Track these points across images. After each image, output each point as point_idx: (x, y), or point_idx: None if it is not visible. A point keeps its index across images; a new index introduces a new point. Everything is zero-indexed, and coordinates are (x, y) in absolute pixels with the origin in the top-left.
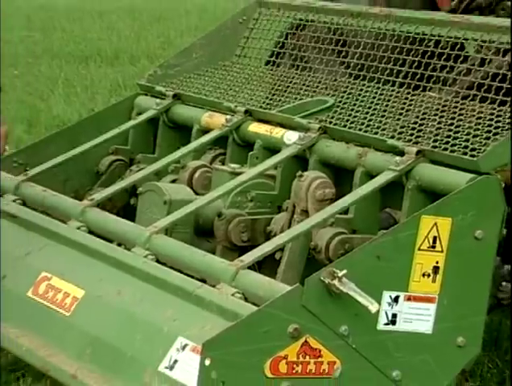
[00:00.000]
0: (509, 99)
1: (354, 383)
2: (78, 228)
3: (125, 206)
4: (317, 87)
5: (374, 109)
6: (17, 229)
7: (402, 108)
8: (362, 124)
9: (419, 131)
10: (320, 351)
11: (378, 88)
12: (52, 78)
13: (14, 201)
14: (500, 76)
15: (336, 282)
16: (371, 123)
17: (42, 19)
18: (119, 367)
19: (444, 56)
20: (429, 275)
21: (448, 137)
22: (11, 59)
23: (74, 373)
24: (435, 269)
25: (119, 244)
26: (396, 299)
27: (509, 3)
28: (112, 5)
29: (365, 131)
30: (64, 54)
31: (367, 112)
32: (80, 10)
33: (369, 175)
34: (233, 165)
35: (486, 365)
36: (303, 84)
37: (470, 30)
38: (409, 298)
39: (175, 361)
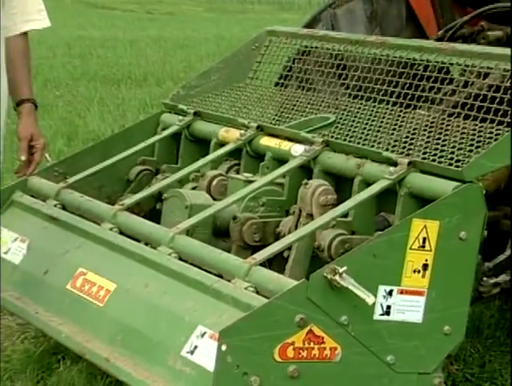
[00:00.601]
0: (489, 116)
1: (353, 366)
2: (110, 229)
3: (152, 210)
4: (320, 105)
5: (371, 125)
6: (57, 230)
7: (395, 125)
8: (360, 138)
9: (410, 144)
10: (323, 338)
11: (374, 106)
12: (89, 98)
13: (55, 205)
14: (481, 97)
15: (337, 278)
16: (368, 137)
17: (80, 47)
18: (146, 352)
19: (432, 79)
20: (419, 271)
21: (436, 149)
22: (54, 81)
23: (107, 357)
24: (425, 266)
25: (146, 244)
26: (390, 292)
27: (488, 33)
28: (141, 34)
29: (363, 144)
30: (99, 77)
31: (364, 128)
32: (113, 39)
33: (366, 183)
34: (246, 174)
35: (469, 350)
36: (308, 103)
37: (455, 56)
38: (401, 292)
39: (196, 347)
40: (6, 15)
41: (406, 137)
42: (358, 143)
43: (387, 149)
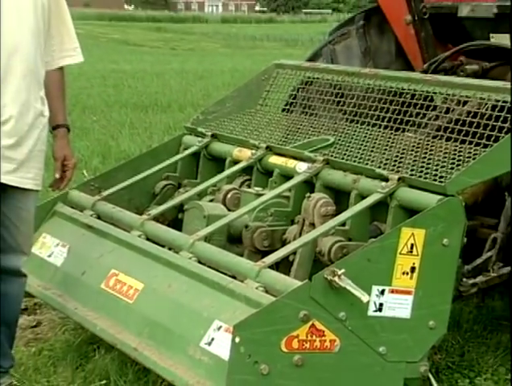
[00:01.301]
0: (468, 139)
1: (350, 356)
2: (139, 236)
3: (175, 219)
4: (321, 128)
5: (365, 146)
6: (93, 237)
7: (387, 145)
8: (356, 157)
9: (400, 162)
10: (323, 331)
11: (368, 129)
12: (121, 122)
13: (91, 215)
14: (461, 121)
15: (336, 279)
16: (363, 156)
17: (114, 79)
18: (169, 343)
19: (418, 106)
20: (408, 273)
21: (422, 167)
22: (91, 108)
23: (135, 347)
24: (412, 269)
25: (169, 249)
26: (382, 292)
27: (466, 67)
28: (165, 67)
29: (358, 162)
30: (130, 104)
31: (360, 148)
32: (141, 71)
33: (361, 196)
34: (256, 188)
35: (450, 342)
36: (311, 127)
37: (438, 86)
38: (392, 291)
39: (213, 339)
40: (46, 52)
41: (396, 156)
42: (354, 161)
43: (379, 167)
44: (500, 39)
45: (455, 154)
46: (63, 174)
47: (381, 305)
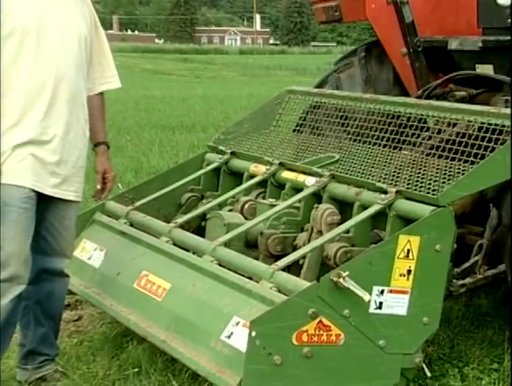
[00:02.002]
0: (457, 156)
1: (353, 348)
2: (166, 242)
3: (198, 227)
4: (328, 147)
5: (367, 162)
6: (127, 242)
7: (386, 162)
8: (359, 172)
9: (397, 177)
10: (330, 327)
11: (369, 148)
12: (151, 141)
13: (125, 223)
14: (451, 141)
15: (341, 280)
16: (364, 172)
17: (145, 103)
18: (194, 336)
19: (413, 127)
20: (404, 275)
21: (417, 181)
22: (125, 129)
23: (164, 339)
24: (409, 271)
25: (194, 253)
26: (382, 292)
27: (455, 93)
28: (190, 93)
29: (361, 177)
30: (159, 125)
31: (362, 164)
32: (169, 96)
33: (363, 207)
34: (270, 199)
35: (441, 335)
36: (318, 145)
37: (430, 110)
38: (391, 291)
39: (232, 333)
40: (89, 79)
41: (394, 171)
42: (357, 176)
43: (379, 181)
44: (484, 69)
45: (446, 170)
46: (103, 186)
47: (380, 303)
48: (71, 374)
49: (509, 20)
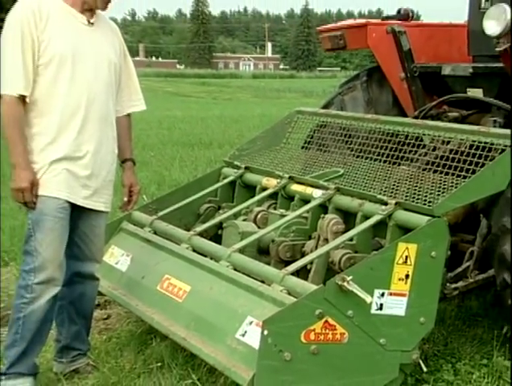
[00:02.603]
0: (450, 171)
1: (356, 346)
2: (187, 248)
3: (215, 235)
4: (333, 162)
5: (368, 176)
6: (151, 248)
7: (386, 176)
8: (361, 185)
9: (396, 190)
10: (335, 326)
11: (371, 163)
12: (172, 157)
13: (149, 231)
14: (445, 157)
15: (345, 284)
16: (366, 185)
17: (168, 122)
18: (211, 334)
19: (411, 144)
20: (403, 279)
21: (414, 193)
22: (150, 146)
23: (184, 337)
24: (407, 276)
25: (211, 258)
26: (383, 294)
27: (448, 114)
28: (208, 113)
29: (363, 190)
30: (180, 143)
31: (364, 178)
32: (189, 116)
33: (366, 217)
34: (281, 210)
35: (436, 334)
36: (324, 161)
37: (426, 129)
38: (390, 294)
39: (246, 331)
40: (117, 102)
41: (393, 184)
42: (360, 189)
43: (380, 193)
44: (474, 93)
45: (440, 184)
46: (130, 198)
47: (381, 305)
48: (101, 367)
49: (496, 49)
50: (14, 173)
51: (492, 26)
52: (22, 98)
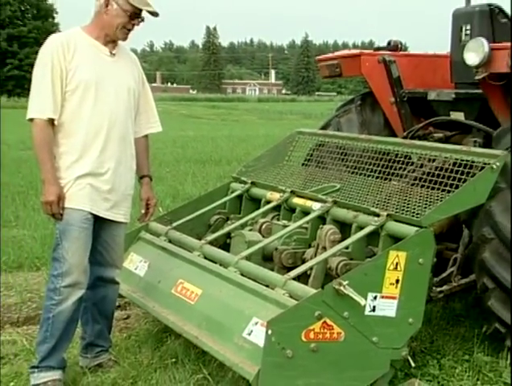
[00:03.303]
0: (436, 186)
1: (352, 344)
2: (198, 255)
3: (224, 243)
4: (330, 178)
5: (362, 191)
6: (166, 256)
7: (378, 190)
8: (356, 199)
9: (388, 203)
10: (332, 326)
11: (364, 179)
12: (186, 173)
13: (164, 240)
14: (431, 174)
15: (341, 288)
16: (361, 198)
17: (181, 142)
18: (220, 333)
19: (400, 162)
20: (394, 284)
21: (404, 206)
22: (165, 163)
23: (196, 335)
24: (397, 281)
25: (220, 265)
26: (375, 297)
27: (434, 135)
28: (218, 133)
29: (358, 203)
30: (193, 160)
31: (358, 192)
32: (201, 136)
33: (360, 227)
34: (283, 221)
35: (423, 333)
36: (323, 177)
37: (414, 148)
38: (382, 297)
39: (252, 331)
40: (136, 124)
41: (385, 198)
42: (355, 202)
43: (373, 206)
44: (457, 116)
45: (427, 197)
46: (147, 211)
47: (374, 307)
48: (121, 362)
49: (476, 77)
50: (43, 188)
51: (471, 57)
52: (51, 121)
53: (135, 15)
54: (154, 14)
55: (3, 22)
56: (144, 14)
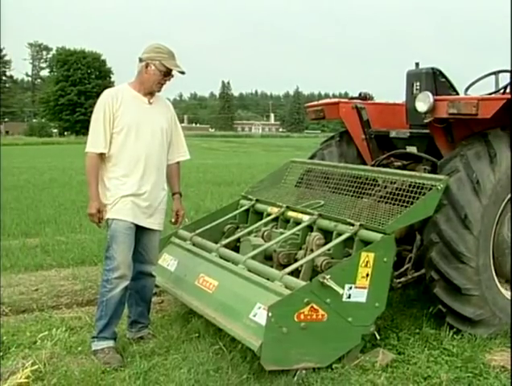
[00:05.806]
0: (396, 202)
1: (333, 323)
2: (215, 256)
3: (235, 246)
4: (316, 196)
5: (341, 206)
6: (191, 256)
7: (353, 205)
8: (336, 212)
9: (360, 215)
10: (318, 310)
11: (342, 197)
12: (205, 192)
13: (189, 244)
14: (393, 193)
15: (325, 280)
16: (340, 212)
17: (203, 168)
18: (232, 315)
19: (369, 184)
20: (365, 277)
21: (372, 218)
22: (190, 184)
23: (214, 316)
24: (367, 275)
25: (232, 263)
26: (351, 287)
27: (395, 163)
28: (230, 162)
29: (337, 215)
30: (211, 182)
31: (338, 207)
32: (217, 164)
33: (339, 234)
34: (280, 229)
35: (386, 313)
36: (310, 195)
37: (380, 173)
38: (356, 287)
39: (256, 313)
40: (169, 154)
41: (358, 211)
42: (335, 215)
43: (349, 218)
44: (411, 149)
45: (390, 211)
46: (176, 219)
47: (350, 295)
48: (157, 336)
49: (424, 120)
50: (88, 203)
51: (421, 105)
52: (101, 154)
53: (167, 74)
54: (182, 72)
55: (75, 82)
56: (174, 72)
